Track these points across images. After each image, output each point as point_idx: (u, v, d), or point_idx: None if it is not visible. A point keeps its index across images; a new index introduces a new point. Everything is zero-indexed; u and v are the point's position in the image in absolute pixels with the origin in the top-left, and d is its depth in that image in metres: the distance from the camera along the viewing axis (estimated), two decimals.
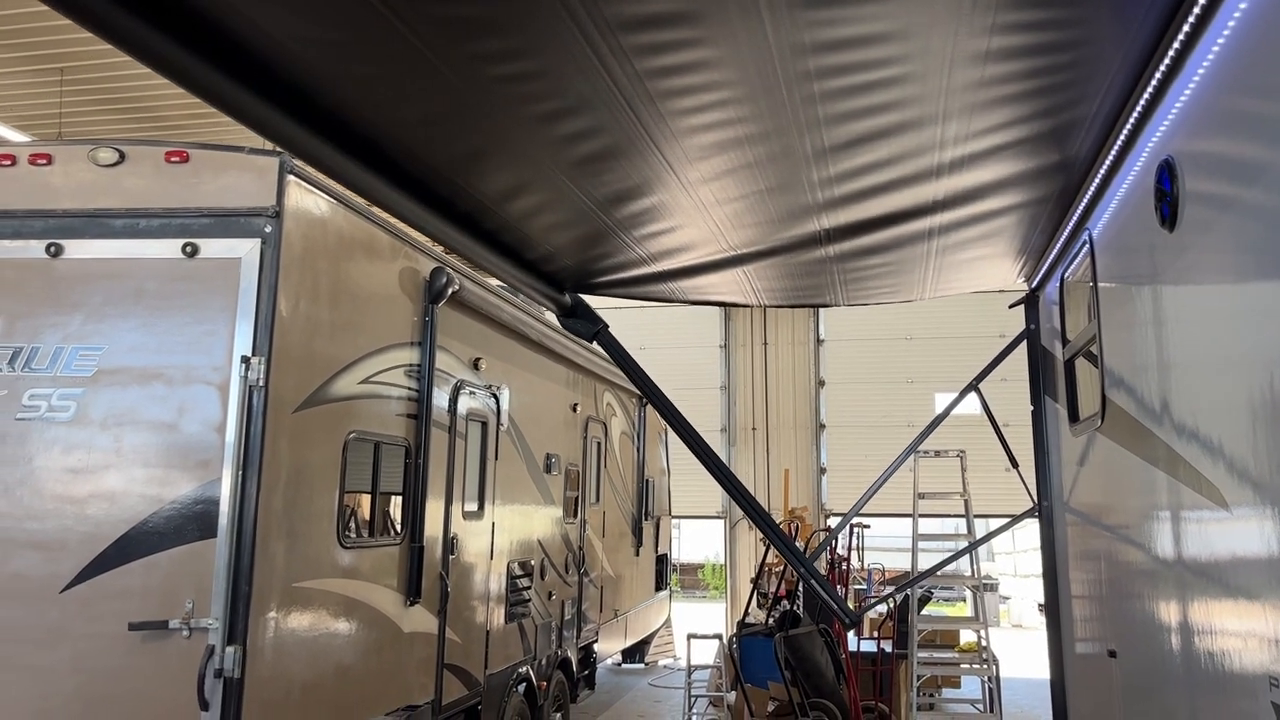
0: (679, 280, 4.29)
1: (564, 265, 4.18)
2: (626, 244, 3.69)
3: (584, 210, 3.36)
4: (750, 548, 17.70)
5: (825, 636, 10.54)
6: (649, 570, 13.75)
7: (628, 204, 3.33)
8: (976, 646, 10.17)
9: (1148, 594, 2.83)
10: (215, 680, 4.63)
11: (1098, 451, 3.38)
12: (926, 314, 17.42)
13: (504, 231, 3.72)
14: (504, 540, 7.99)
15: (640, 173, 3.03)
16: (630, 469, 12.66)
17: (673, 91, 2.50)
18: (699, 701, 11.56)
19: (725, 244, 3.75)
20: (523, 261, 4.08)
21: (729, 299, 4.67)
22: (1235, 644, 2.25)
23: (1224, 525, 2.26)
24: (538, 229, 3.66)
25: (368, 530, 5.93)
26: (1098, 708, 3.58)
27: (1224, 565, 2.31)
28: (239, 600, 4.70)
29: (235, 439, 4.79)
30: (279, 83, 2.40)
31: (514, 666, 8.18)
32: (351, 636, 5.59)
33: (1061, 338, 4.01)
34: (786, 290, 4.50)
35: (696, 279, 4.27)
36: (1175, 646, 2.61)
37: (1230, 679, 2.31)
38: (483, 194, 3.29)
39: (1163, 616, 2.72)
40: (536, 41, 2.23)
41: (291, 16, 2.14)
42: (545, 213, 3.48)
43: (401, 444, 6.28)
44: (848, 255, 3.88)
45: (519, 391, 8.32)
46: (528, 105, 2.56)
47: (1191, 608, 2.52)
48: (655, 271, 4.11)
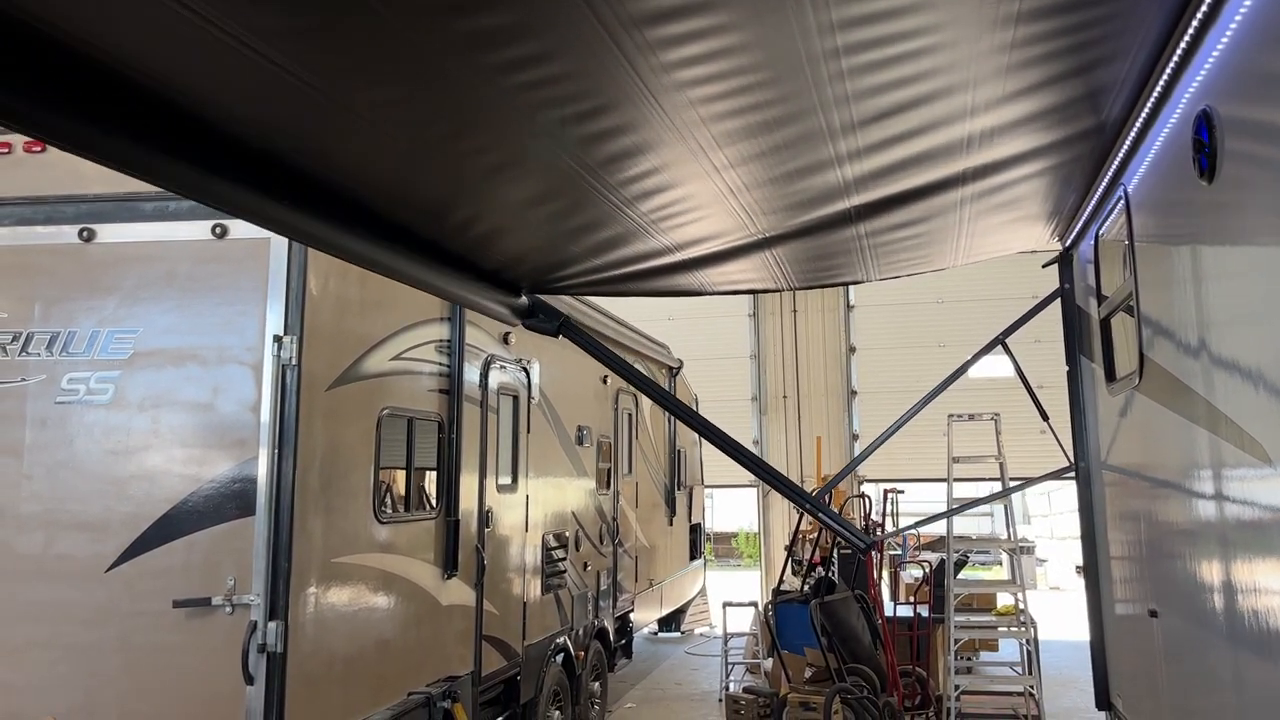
0: (703, 269, 4.23)
1: (525, 269, 4.14)
2: (652, 235, 3.65)
3: (610, 211, 3.31)
4: (784, 515, 17.71)
5: (861, 602, 10.53)
6: (683, 540, 13.81)
7: (654, 197, 3.29)
8: (1014, 610, 10.13)
9: (1189, 553, 2.80)
10: (259, 655, 4.71)
11: (1136, 410, 3.33)
12: (956, 277, 17.23)
13: (471, 249, 3.70)
14: (538, 512, 8.04)
15: (670, 167, 2.99)
16: (661, 440, 12.68)
17: (697, 80, 2.45)
18: (736, 669, 11.64)
19: (753, 228, 3.70)
20: (479, 273, 4.04)
21: (757, 285, 4.61)
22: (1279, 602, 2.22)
23: (1268, 482, 2.22)
24: (527, 240, 3.65)
25: (403, 505, 5.99)
26: (1139, 668, 3.56)
27: (1268, 522, 2.27)
28: (279, 576, 4.77)
29: (270, 418, 4.84)
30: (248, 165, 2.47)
31: (551, 637, 8.26)
32: (390, 610, 5.66)
33: (1097, 295, 3.94)
34: (816, 271, 4.44)
35: (724, 266, 4.22)
36: (1218, 606, 2.58)
37: (1275, 638, 2.27)
38: (467, 215, 3.28)
39: (1205, 576, 2.69)
40: (559, 44, 2.18)
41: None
42: (563, 220, 3.43)
43: (434, 419, 6.32)
44: (878, 230, 3.82)
45: (549, 365, 8.34)
46: (550, 110, 2.51)
47: (1234, 566, 2.49)
48: (679, 260, 4.06)
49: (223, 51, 1.97)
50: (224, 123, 2.36)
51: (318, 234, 2.98)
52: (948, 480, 9.11)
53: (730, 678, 11.36)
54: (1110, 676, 4.19)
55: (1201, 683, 2.77)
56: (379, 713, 3.31)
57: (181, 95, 2.19)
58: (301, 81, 2.15)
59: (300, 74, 2.13)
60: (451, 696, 3.60)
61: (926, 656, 10.19)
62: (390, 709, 3.35)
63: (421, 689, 3.60)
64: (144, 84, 2.10)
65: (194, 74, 2.12)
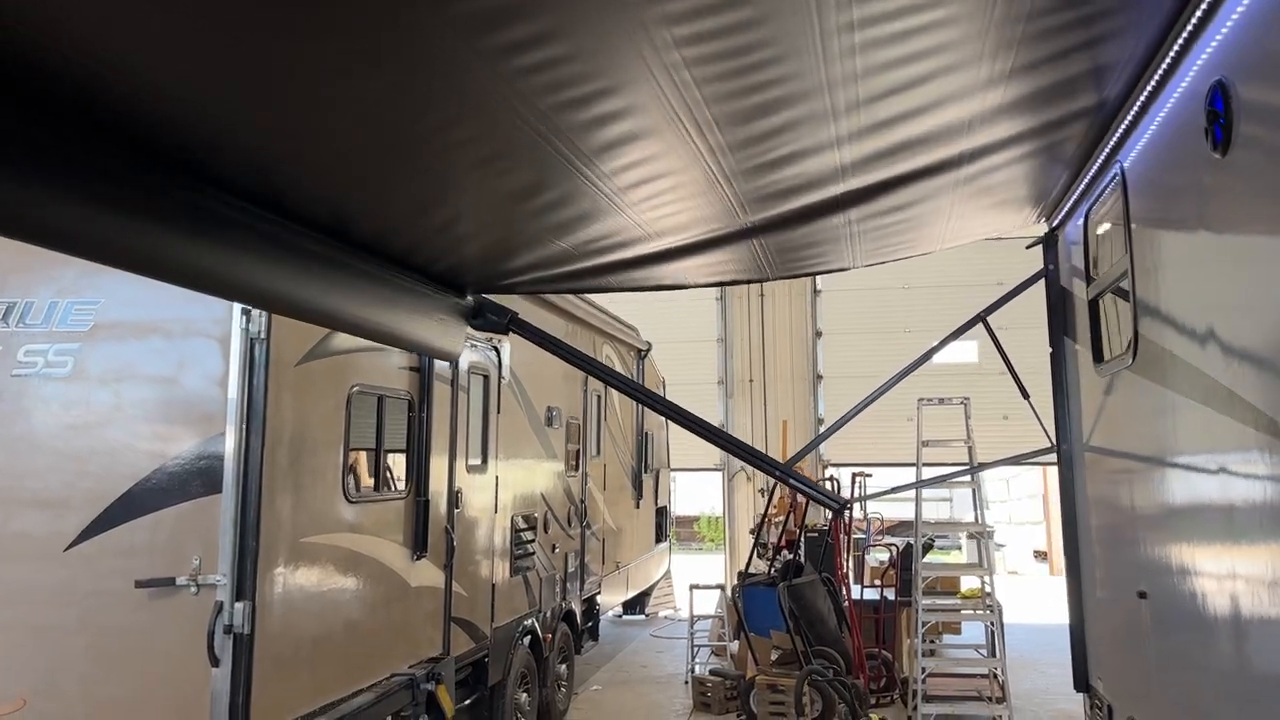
0: (684, 259, 4.13)
1: (470, 268, 4.04)
2: (634, 223, 3.53)
3: (596, 199, 3.20)
4: (749, 499, 17.75)
5: (828, 585, 10.57)
6: (649, 523, 13.77)
7: (643, 186, 3.17)
8: (979, 593, 10.21)
9: (1183, 531, 2.78)
10: (225, 636, 4.57)
11: (1127, 390, 3.31)
12: (923, 263, 17.25)
13: (420, 248, 3.60)
14: (508, 494, 7.94)
15: (659, 151, 2.88)
16: (629, 422, 12.62)
17: (702, 59, 2.33)
18: (701, 651, 11.64)
19: (738, 216, 3.61)
20: (425, 276, 3.93)
21: (739, 276, 4.51)
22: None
23: (1274, 458, 2.19)
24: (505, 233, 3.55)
25: (373, 485, 5.86)
26: (1123, 650, 3.55)
27: (1272, 496, 2.25)
28: (246, 556, 4.63)
29: (238, 393, 4.69)
30: None
31: (519, 619, 8.17)
32: (360, 591, 5.54)
33: (1085, 277, 3.92)
34: (799, 259, 4.36)
35: (706, 255, 4.12)
36: (1214, 585, 2.56)
37: (1275, 616, 2.25)
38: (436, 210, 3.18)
39: (1201, 555, 2.67)
40: (575, 30, 2.05)
41: None
42: (554, 211, 3.31)
43: (404, 397, 6.19)
44: (868, 216, 3.75)
45: (520, 345, 8.21)
46: (550, 95, 2.38)
47: (1233, 544, 2.46)
48: (659, 250, 3.95)
49: None
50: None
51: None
52: (916, 464, 9.13)
53: (696, 660, 11.35)
54: (1090, 659, 4.20)
55: (1194, 662, 2.76)
56: (361, 695, 3.20)
57: None
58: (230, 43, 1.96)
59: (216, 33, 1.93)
60: (435, 678, 3.50)
61: (893, 640, 10.26)
62: (373, 691, 3.25)
63: (404, 670, 3.50)
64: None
65: None
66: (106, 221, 2.39)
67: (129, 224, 2.43)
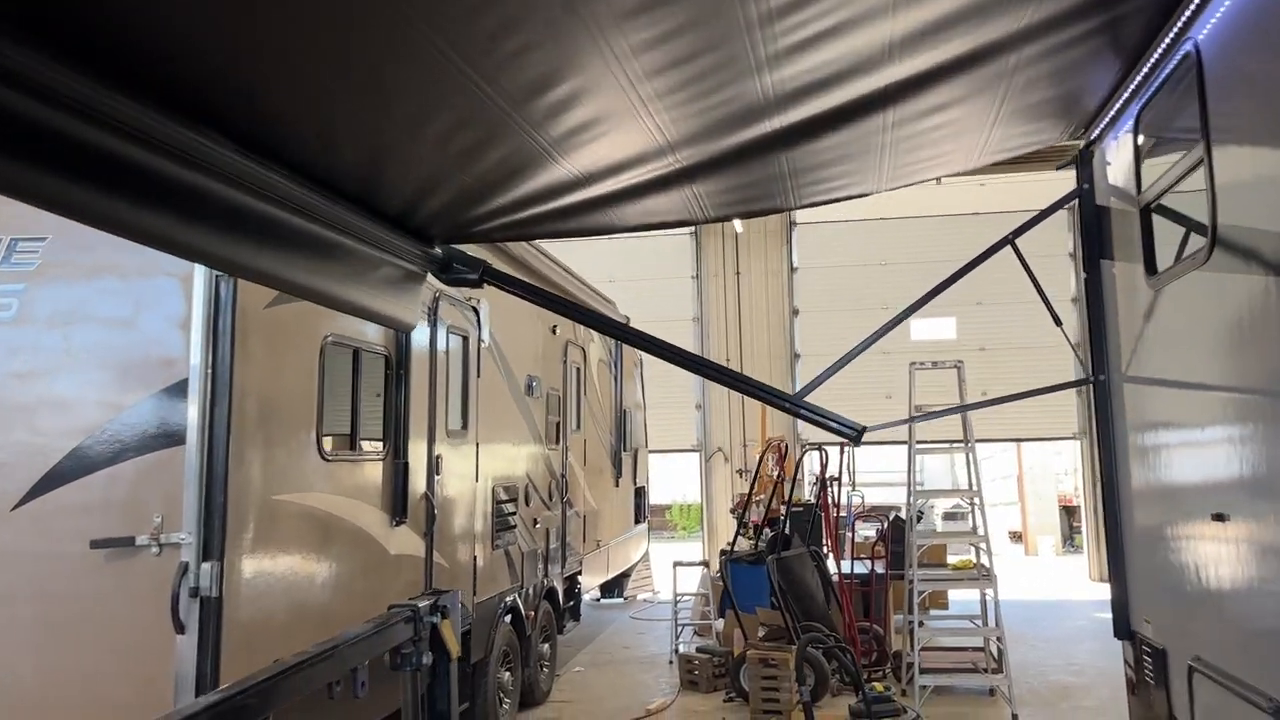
0: (618, 206, 3.76)
1: (436, 214, 3.61)
2: (558, 163, 3.17)
3: (519, 138, 2.85)
4: (726, 480, 17.48)
5: (815, 559, 10.31)
6: (628, 502, 13.44)
7: (563, 116, 2.82)
8: (970, 564, 9.99)
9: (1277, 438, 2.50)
10: (191, 600, 4.18)
11: (1195, 295, 3.03)
12: (901, 240, 17.13)
13: (368, 187, 3.19)
14: (489, 462, 7.57)
15: (582, 80, 2.54)
16: (608, 398, 12.27)
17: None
18: (685, 630, 11.34)
19: (765, 117, 3.26)
20: (388, 222, 3.50)
21: (672, 217, 4.13)
22: None
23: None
24: (429, 171, 3.13)
25: (349, 444, 5.47)
26: (1185, 582, 3.27)
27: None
28: (214, 513, 4.24)
29: (202, 336, 4.29)
30: None
31: (501, 595, 7.82)
32: (337, 555, 5.16)
33: (1136, 184, 3.64)
34: (734, 199, 4.00)
35: (641, 201, 3.76)
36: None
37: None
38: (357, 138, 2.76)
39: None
40: None
41: None
42: (462, 147, 2.93)
43: (382, 353, 5.81)
44: (909, 118, 3.40)
45: (498, 308, 7.84)
46: None
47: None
48: (588, 198, 3.58)
49: None
50: None
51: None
52: (909, 425, 8.86)
53: (680, 638, 11.05)
54: (1133, 602, 3.93)
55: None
56: (358, 625, 2.85)
57: None
58: None
59: None
60: (440, 612, 3.14)
61: (885, 614, 10.01)
62: (372, 622, 2.89)
63: (405, 602, 3.15)
64: None
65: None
66: None
67: None
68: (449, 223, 3.86)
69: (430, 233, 3.92)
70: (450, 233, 4.01)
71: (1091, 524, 17.30)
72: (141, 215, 2.25)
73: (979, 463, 8.92)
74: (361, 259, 3.58)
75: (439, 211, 3.66)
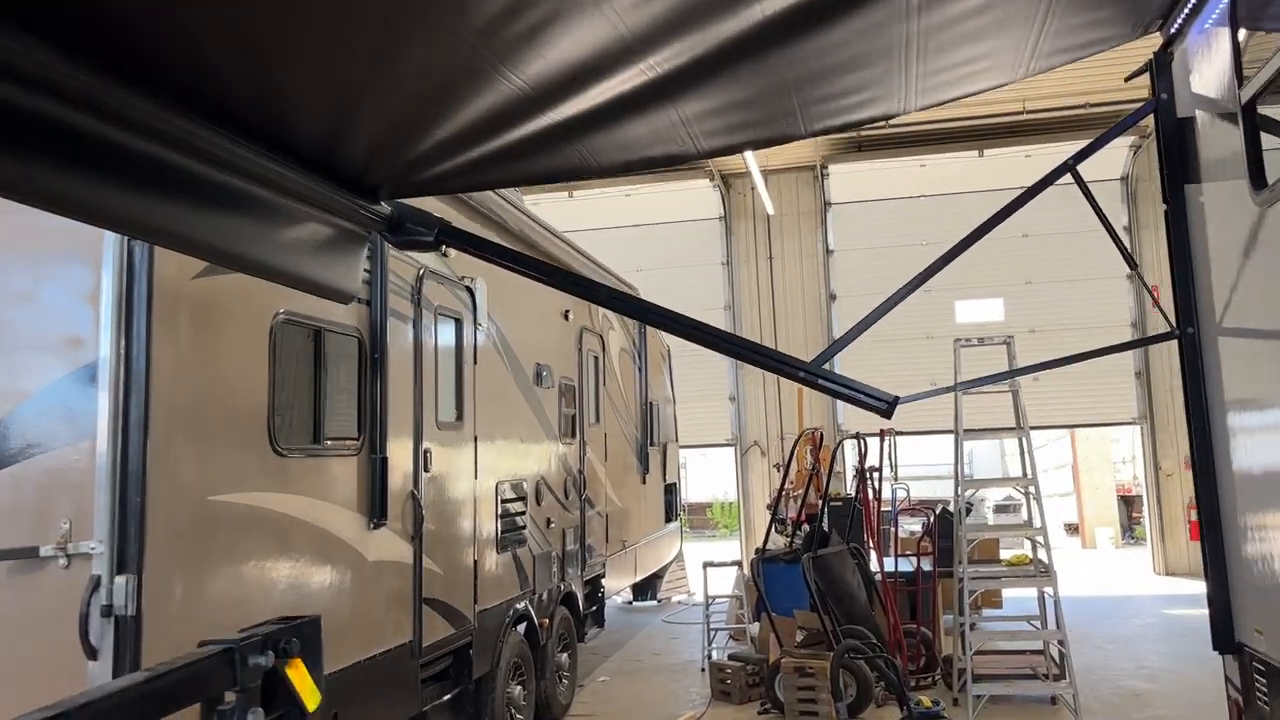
0: (586, 136, 3.02)
1: (369, 156, 2.93)
2: (502, 75, 2.48)
3: (445, 39, 2.18)
4: (764, 475, 16.71)
5: (856, 556, 9.55)
6: (657, 500, 12.72)
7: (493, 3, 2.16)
8: (1025, 559, 9.16)
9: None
10: (104, 620, 3.55)
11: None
12: (940, 219, 16.25)
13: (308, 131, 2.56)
14: (491, 457, 6.91)
15: None
16: (632, 390, 11.57)
17: None
18: (718, 635, 10.62)
19: (637, 54, 2.56)
20: (317, 169, 2.84)
21: (657, 151, 3.35)
22: None
23: None
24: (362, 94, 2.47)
25: (312, 436, 4.83)
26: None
27: None
28: (129, 517, 3.61)
29: (114, 308, 3.66)
30: None
31: (510, 602, 7.16)
32: (297, 563, 4.52)
33: (1235, 79, 2.88)
34: (730, 124, 3.23)
35: (612, 130, 3.01)
36: None
37: None
38: None
39: None
40: None
41: None
42: (376, 48, 2.27)
43: (352, 334, 5.16)
44: (800, 26, 2.68)
45: (499, 289, 7.18)
46: None
47: None
48: (549, 126, 2.85)
49: None
50: None
51: None
52: (955, 405, 8.07)
53: (713, 644, 10.33)
54: (1238, 609, 3.16)
55: None
56: (147, 671, 2.18)
57: None
58: None
59: None
60: (281, 650, 2.44)
61: (932, 615, 9.21)
62: (178, 664, 2.21)
63: (224, 638, 2.47)
64: None
65: None
66: None
67: None
68: (391, 169, 3.18)
69: (372, 184, 3.25)
70: (397, 184, 3.33)
71: (1154, 514, 16.28)
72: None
73: (1029, 450, 8.08)
74: (284, 215, 2.93)
75: (371, 152, 2.99)
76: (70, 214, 2.18)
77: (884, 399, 3.24)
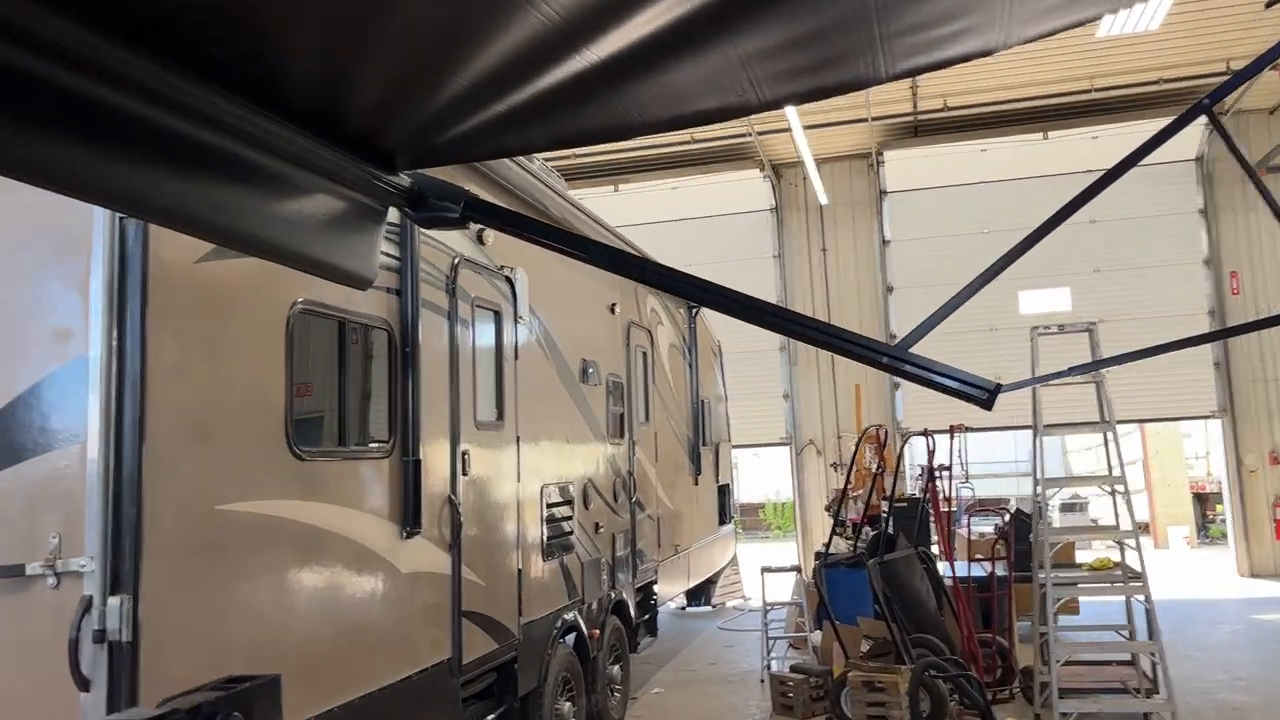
0: (630, 84, 2.51)
1: (393, 118, 2.46)
2: (529, 7, 1.99)
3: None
4: (820, 474, 16.12)
5: (924, 561, 8.98)
6: (710, 502, 12.22)
7: None
8: (1108, 563, 8.51)
9: None
10: (97, 647, 3.16)
11: None
12: (1003, 204, 15.55)
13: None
14: (534, 459, 6.47)
15: None
16: (682, 388, 11.08)
17: None
18: (777, 644, 10.10)
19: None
20: (339, 144, 2.39)
21: (712, 102, 2.82)
22: None
23: None
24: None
25: (336, 438, 4.42)
26: None
27: None
28: (123, 529, 3.20)
29: (105, 296, 3.27)
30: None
31: (557, 613, 6.71)
32: (317, 579, 4.11)
33: None
34: (799, 64, 2.68)
35: (657, 76, 2.49)
36: None
37: None
38: None
39: None
40: None
41: None
42: None
43: (381, 325, 4.75)
44: None
45: (541, 280, 6.74)
46: None
47: None
48: (584, 70, 2.34)
49: None
50: None
51: None
52: (1033, 400, 7.47)
53: (772, 654, 9.81)
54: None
55: None
56: None
57: None
58: None
59: None
60: (231, 714, 2.00)
61: (1008, 624, 8.60)
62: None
63: (132, 714, 2.04)
64: None
65: None
66: None
67: None
68: (405, 130, 2.71)
69: (387, 150, 2.79)
70: (415, 150, 2.86)
71: (1236, 512, 15.41)
72: None
73: (1116, 445, 7.46)
74: (283, 184, 2.48)
75: (380, 106, 2.52)
76: (23, 177, 1.75)
77: (984, 387, 2.72)
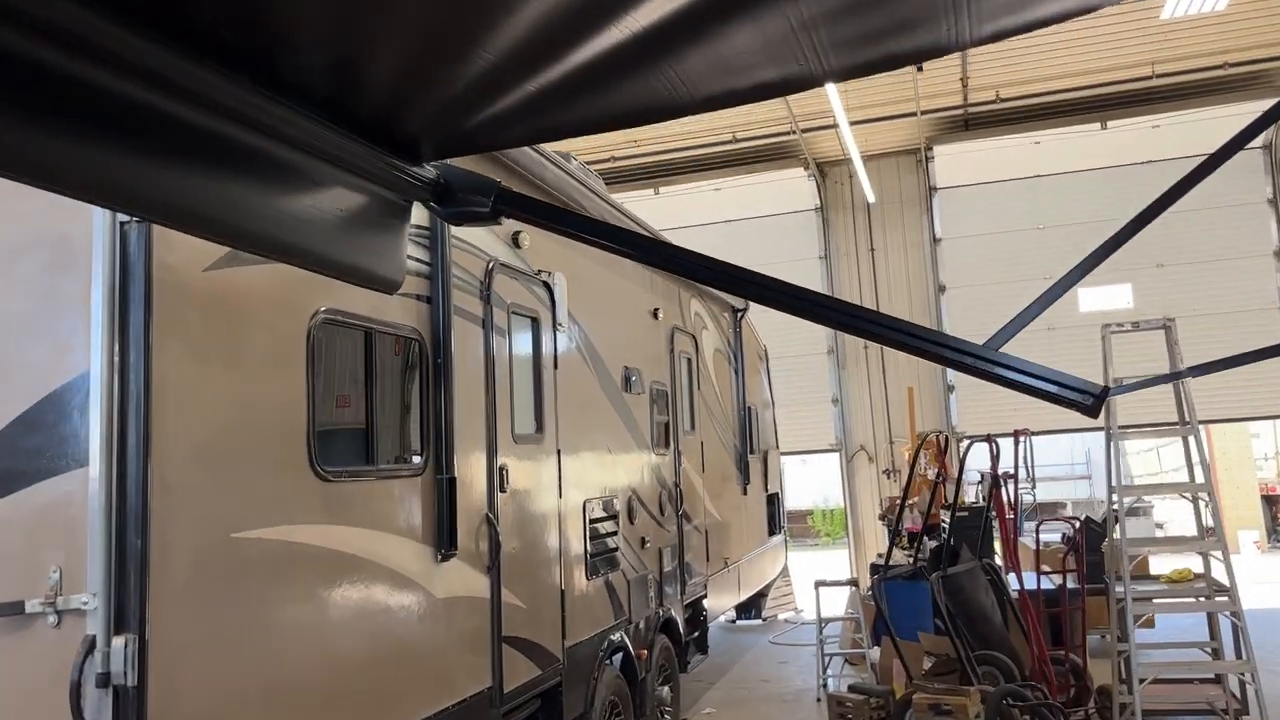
0: (677, 54, 2.16)
1: (414, 99, 2.13)
2: None
3: None
4: (872, 482, 15.64)
5: (990, 573, 8.53)
6: (759, 512, 11.83)
7: None
8: (1188, 574, 7.99)
9: None
10: (101, 692, 2.88)
11: None
12: (1058, 198, 14.99)
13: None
14: (576, 472, 6.16)
15: None
16: (728, 394, 10.72)
17: None
18: (834, 661, 9.68)
19: None
20: (356, 131, 2.08)
21: (771, 74, 2.45)
22: None
23: None
24: None
25: (363, 456, 4.13)
26: None
27: None
28: (128, 562, 2.93)
29: (106, 309, 3.00)
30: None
31: (603, 634, 6.39)
32: (346, 609, 3.81)
33: None
34: (868, 28, 2.31)
35: (708, 43, 2.14)
36: None
37: None
38: None
39: None
40: None
41: None
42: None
43: (411, 335, 4.46)
44: None
45: (581, 285, 6.43)
46: None
47: None
48: (625, 39, 2.00)
49: None
50: None
51: None
52: (1108, 401, 7.01)
53: (828, 672, 9.40)
54: None
55: None
56: None
57: None
58: None
59: None
60: None
61: (1081, 640, 8.12)
62: None
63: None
64: None
65: None
66: None
67: None
68: (428, 113, 2.39)
69: (409, 137, 2.48)
70: (441, 137, 2.54)
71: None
72: None
73: (1200, 449, 6.97)
74: (296, 176, 2.18)
75: (397, 83, 2.22)
76: (9, 171, 1.46)
77: (1088, 391, 2.34)
